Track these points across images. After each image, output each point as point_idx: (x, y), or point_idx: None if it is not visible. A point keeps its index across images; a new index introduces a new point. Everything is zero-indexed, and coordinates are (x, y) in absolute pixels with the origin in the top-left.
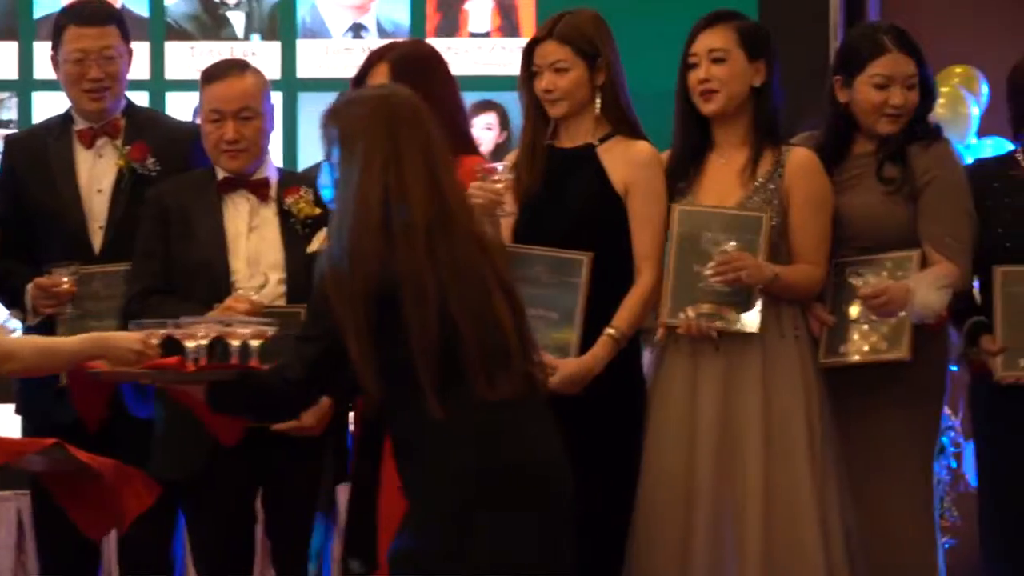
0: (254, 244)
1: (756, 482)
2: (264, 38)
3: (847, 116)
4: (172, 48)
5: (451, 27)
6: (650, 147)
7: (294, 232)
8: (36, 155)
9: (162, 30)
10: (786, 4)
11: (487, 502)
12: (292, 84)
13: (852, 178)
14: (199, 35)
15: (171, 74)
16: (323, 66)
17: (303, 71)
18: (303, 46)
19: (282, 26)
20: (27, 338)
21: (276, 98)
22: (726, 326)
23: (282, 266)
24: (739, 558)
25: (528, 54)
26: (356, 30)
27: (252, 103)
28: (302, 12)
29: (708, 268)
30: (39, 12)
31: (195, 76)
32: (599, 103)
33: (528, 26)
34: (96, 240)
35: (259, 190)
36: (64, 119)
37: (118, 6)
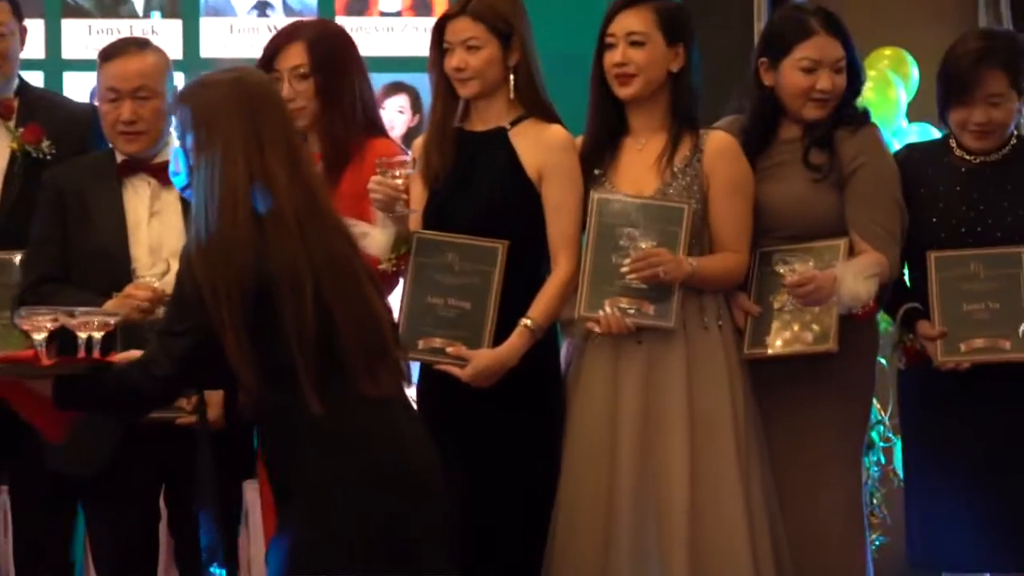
0: (156, 230)
1: (680, 481)
2: (165, 16)
3: (772, 100)
4: (69, 26)
5: (361, 6)
6: (564, 131)
7: None
8: None
9: (58, 7)
10: None
11: (378, 504)
12: (195, 64)
13: (777, 165)
14: (97, 13)
15: (68, 54)
16: (227, 46)
17: (207, 51)
18: (206, 24)
19: (184, 4)
20: None
21: (179, 79)
22: (643, 322)
23: None
24: (664, 560)
25: (439, 31)
26: (261, 8)
27: (150, 82)
28: None
29: (625, 265)
30: None
31: (93, 56)
32: (512, 84)
33: (441, 5)
34: None
35: (160, 173)
36: None
37: None
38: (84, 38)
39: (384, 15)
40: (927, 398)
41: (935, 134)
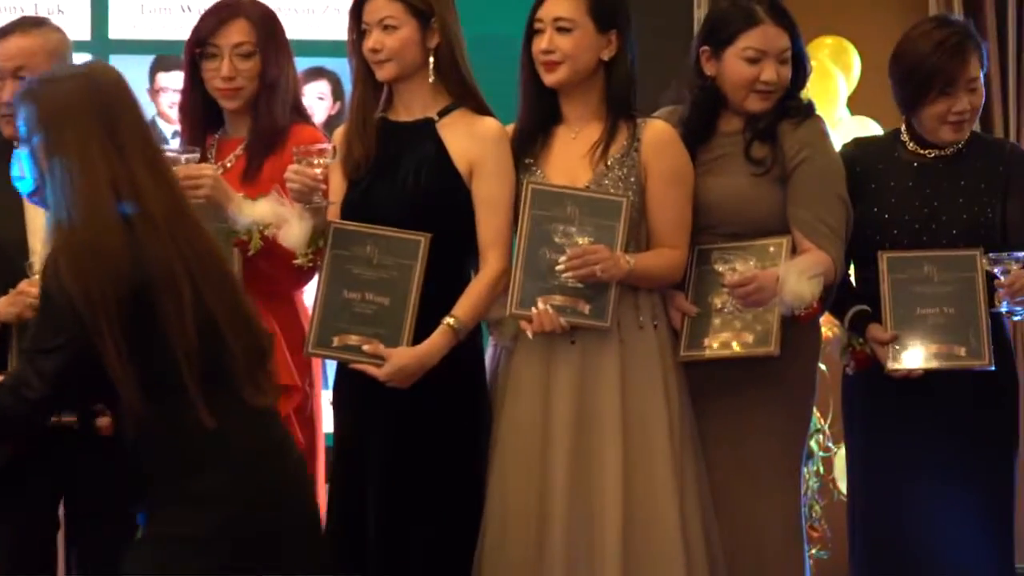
0: None
1: (613, 487)
2: None
3: (713, 91)
4: None
5: None
6: (496, 123)
7: None
8: None
9: None
10: None
11: (254, 520)
12: (104, 46)
13: (718, 158)
14: None
15: None
16: (138, 26)
17: (116, 31)
18: (116, 3)
19: None
20: None
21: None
22: (578, 321)
23: None
24: (596, 568)
25: (357, 11)
26: None
27: (32, 63)
28: None
29: (560, 262)
30: None
31: None
32: (432, 67)
33: None
34: None
35: None
36: None
37: None
38: None
39: None
40: (875, 405)
41: (876, 128)
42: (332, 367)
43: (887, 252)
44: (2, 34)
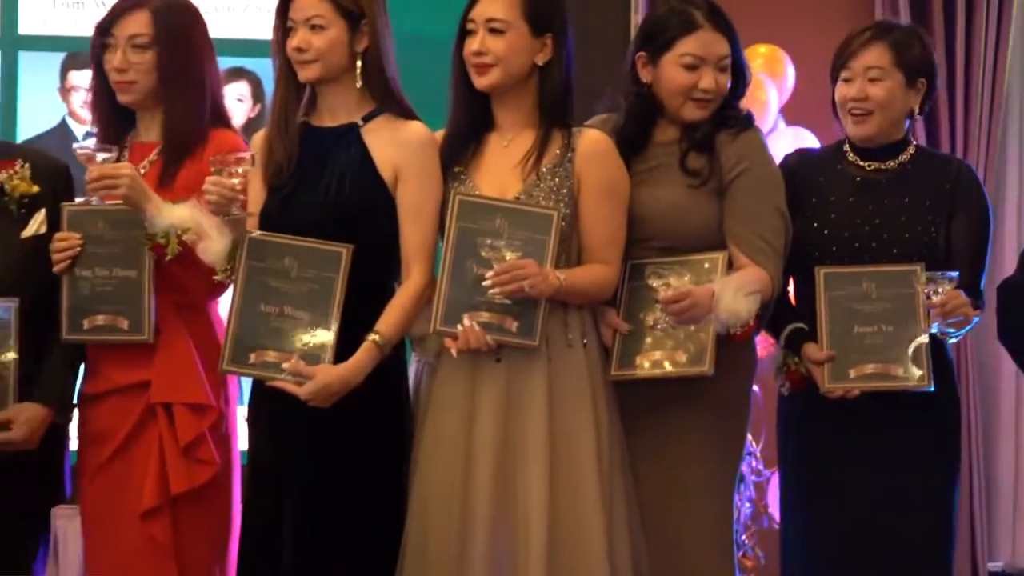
0: None
1: (538, 510)
2: None
3: (649, 99)
4: None
5: None
6: (423, 128)
7: (7, 213)
8: None
9: None
10: None
11: None
12: (13, 42)
13: (653, 169)
14: None
15: None
16: (48, 22)
17: (26, 26)
18: None
19: None
20: None
21: None
22: (505, 339)
23: None
24: None
25: (283, 7)
26: None
27: None
28: None
29: (487, 278)
30: None
31: None
32: (360, 71)
33: None
34: None
35: None
36: None
37: None
38: None
39: None
40: (810, 427)
41: (811, 139)
42: (248, 382)
43: (824, 268)
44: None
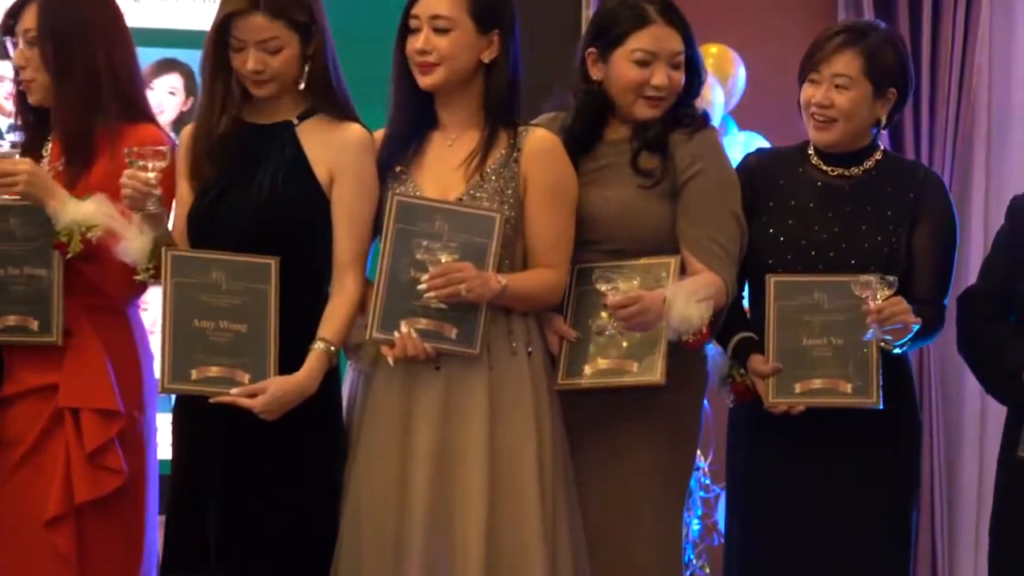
0: None
1: (476, 525)
2: None
3: (600, 96)
4: None
5: None
6: (361, 130)
7: None
8: None
9: None
10: None
11: None
12: None
13: (603, 168)
14: None
15: None
16: None
17: None
18: None
19: None
20: None
21: None
22: (444, 346)
23: None
24: None
25: (224, 27)
26: None
27: None
28: None
29: (422, 281)
30: None
31: None
32: (307, 74)
33: None
34: None
35: None
36: None
37: None
38: None
39: None
40: (760, 442)
41: (762, 143)
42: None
43: (775, 276)
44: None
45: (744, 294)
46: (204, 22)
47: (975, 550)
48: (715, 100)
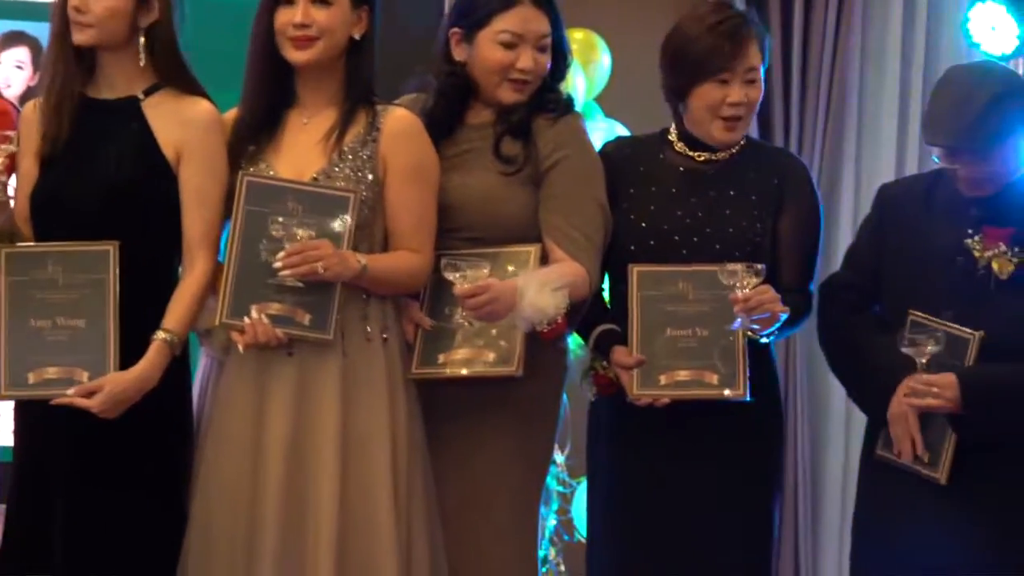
0: None
1: (328, 520)
2: None
3: (463, 78)
4: None
5: None
6: (209, 106)
7: None
8: None
9: None
10: None
11: None
12: None
13: (464, 153)
14: None
15: None
16: None
17: None
18: None
19: None
20: None
21: None
22: (296, 332)
23: None
24: None
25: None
26: None
27: None
28: None
29: (277, 259)
30: None
31: None
32: (142, 46)
33: None
34: None
35: None
36: None
37: None
38: None
39: None
40: (621, 436)
41: (623, 132)
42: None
43: (638, 266)
44: None
45: (604, 284)
46: None
47: (839, 548)
48: (576, 86)
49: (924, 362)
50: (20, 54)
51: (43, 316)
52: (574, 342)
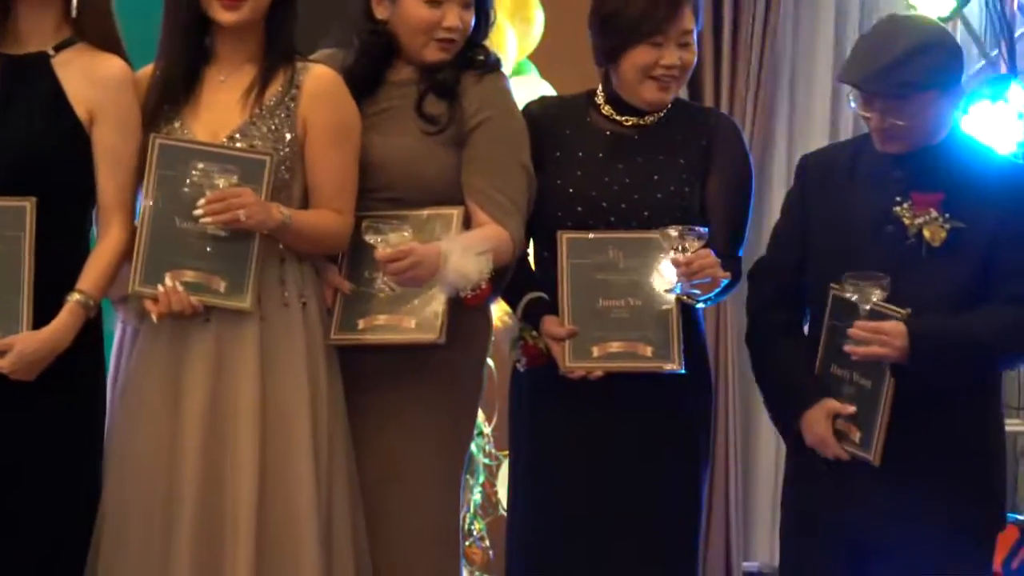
0: None
1: (248, 486)
2: None
3: (386, 36)
4: None
5: None
6: (120, 63)
7: None
8: None
9: None
10: None
11: None
12: None
13: (383, 112)
14: None
15: None
16: None
17: None
18: None
19: None
20: None
21: None
22: (213, 300)
23: None
24: None
25: None
26: None
27: None
28: None
29: (198, 206)
30: None
31: None
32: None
33: None
34: None
35: None
36: None
37: None
38: None
39: None
40: (545, 407)
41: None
42: None
43: (567, 232)
44: None
45: (529, 251)
46: None
47: (772, 528)
48: (508, 45)
49: (867, 308)
50: None
51: None
52: (500, 309)
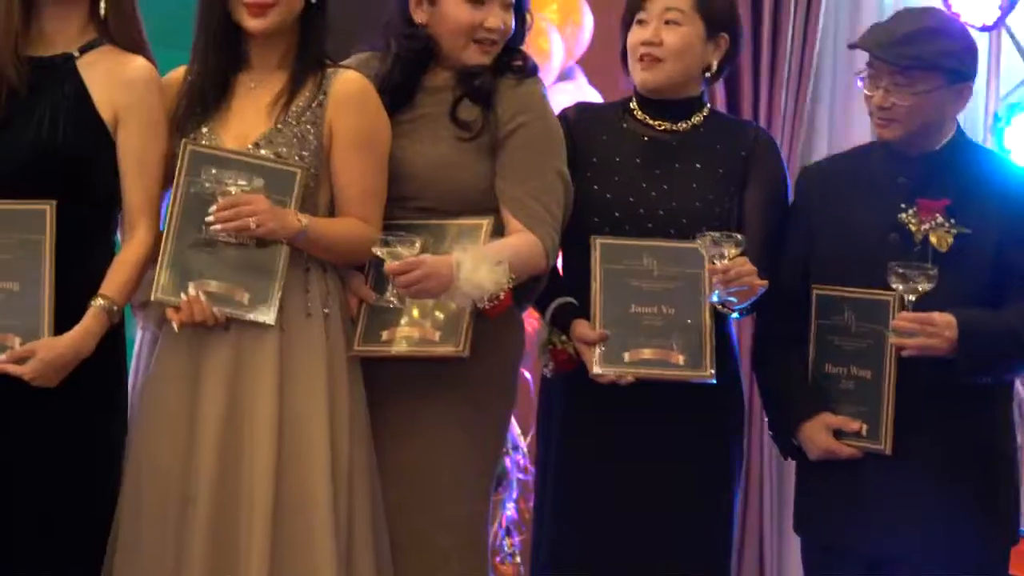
0: None
1: (262, 499)
2: None
3: (425, 40)
4: None
5: None
6: (147, 64)
7: None
8: None
9: None
10: None
11: None
12: None
13: (418, 118)
14: None
15: None
16: None
17: None
18: None
19: None
20: None
21: None
22: (236, 312)
23: None
24: None
25: None
26: None
27: None
28: None
29: (209, 213)
30: None
31: None
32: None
33: None
34: None
35: None
36: None
37: None
38: None
39: None
40: (575, 415)
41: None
42: None
43: (601, 238)
44: None
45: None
46: None
47: None
48: (552, 49)
49: (913, 299)
50: None
51: None
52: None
